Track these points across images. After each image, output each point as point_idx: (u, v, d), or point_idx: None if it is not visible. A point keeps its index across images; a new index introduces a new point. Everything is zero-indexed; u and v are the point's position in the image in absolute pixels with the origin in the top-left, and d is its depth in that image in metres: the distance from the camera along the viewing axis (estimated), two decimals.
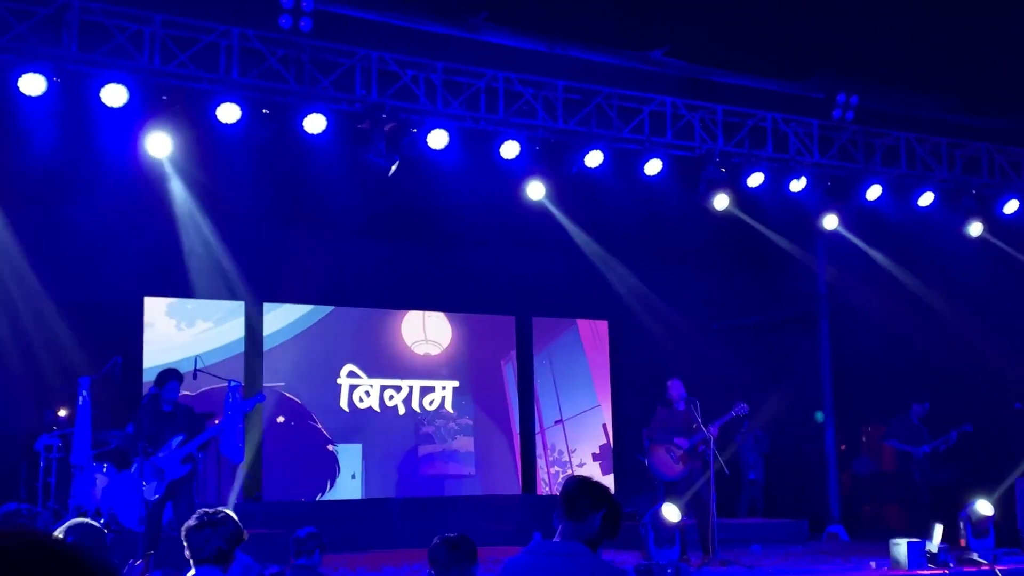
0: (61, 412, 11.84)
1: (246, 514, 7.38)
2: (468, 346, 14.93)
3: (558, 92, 11.57)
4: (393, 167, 10.84)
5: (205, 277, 13.20)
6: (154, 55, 9.88)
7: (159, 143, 10.16)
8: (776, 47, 12.72)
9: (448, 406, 14.64)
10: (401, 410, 14.36)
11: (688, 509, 10.40)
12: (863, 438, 16.62)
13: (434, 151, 10.99)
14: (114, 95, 9.60)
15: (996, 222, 13.45)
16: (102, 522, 10.82)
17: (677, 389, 10.88)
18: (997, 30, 12.64)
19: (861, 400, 15.45)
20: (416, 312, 14.65)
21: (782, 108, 12.68)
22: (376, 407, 14.22)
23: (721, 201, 12.26)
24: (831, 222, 13.17)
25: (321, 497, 13.65)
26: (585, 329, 15.83)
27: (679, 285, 15.56)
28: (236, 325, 13.52)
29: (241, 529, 4.73)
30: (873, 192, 12.82)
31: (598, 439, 15.54)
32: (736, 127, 12.43)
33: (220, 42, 10.19)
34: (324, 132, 10.51)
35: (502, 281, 14.69)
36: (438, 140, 10.91)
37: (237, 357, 13.33)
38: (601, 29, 12.31)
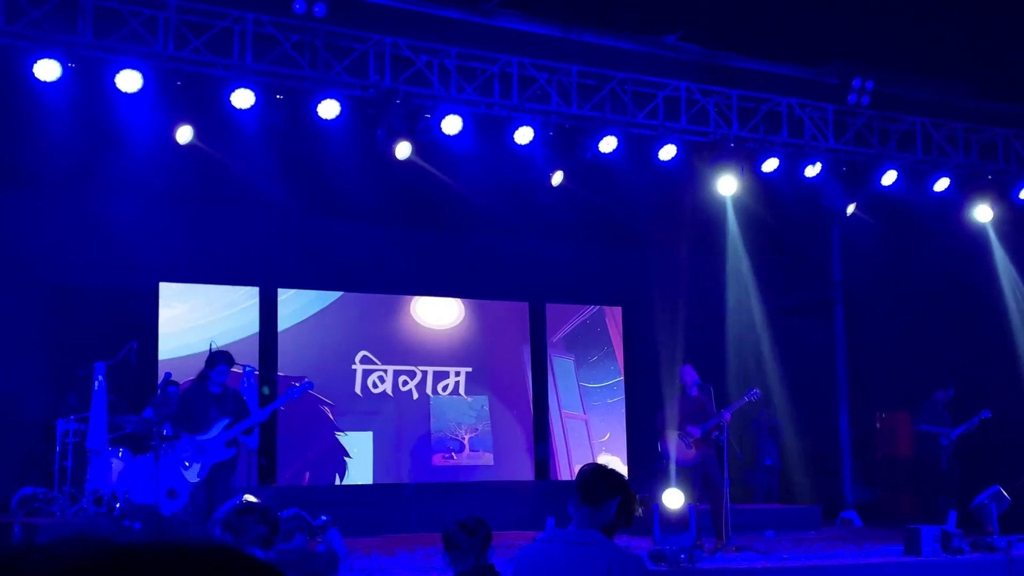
0: (77, 397, 11.89)
1: (261, 499, 7.41)
2: (482, 332, 14.93)
3: (572, 77, 11.54)
4: (402, 150, 10.83)
5: (220, 263, 13.24)
6: (168, 41, 9.90)
7: (184, 132, 10.24)
8: (791, 32, 12.67)
9: (462, 392, 14.65)
10: (415, 395, 14.38)
11: (701, 495, 10.40)
12: (877, 424, 16.60)
13: (448, 137, 10.99)
14: (129, 81, 9.63)
15: (1012, 208, 13.39)
16: (118, 506, 10.88)
17: (690, 375, 10.87)
18: (1014, 15, 12.55)
19: (876, 386, 15.41)
20: (428, 297, 14.65)
21: (797, 93, 12.63)
22: (390, 392, 14.25)
23: (728, 186, 12.24)
24: (849, 208, 13.12)
25: (336, 483, 13.69)
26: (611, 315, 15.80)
27: (694, 270, 15.52)
28: (250, 311, 13.54)
29: (277, 517, 4.96)
30: (888, 177, 12.77)
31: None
32: (751, 112, 12.39)
33: (234, 27, 10.20)
34: (338, 118, 10.52)
35: (516, 267, 14.68)
36: (452, 126, 10.90)
37: (251, 343, 13.36)
38: (615, 14, 12.28)
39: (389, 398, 14.24)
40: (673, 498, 9.88)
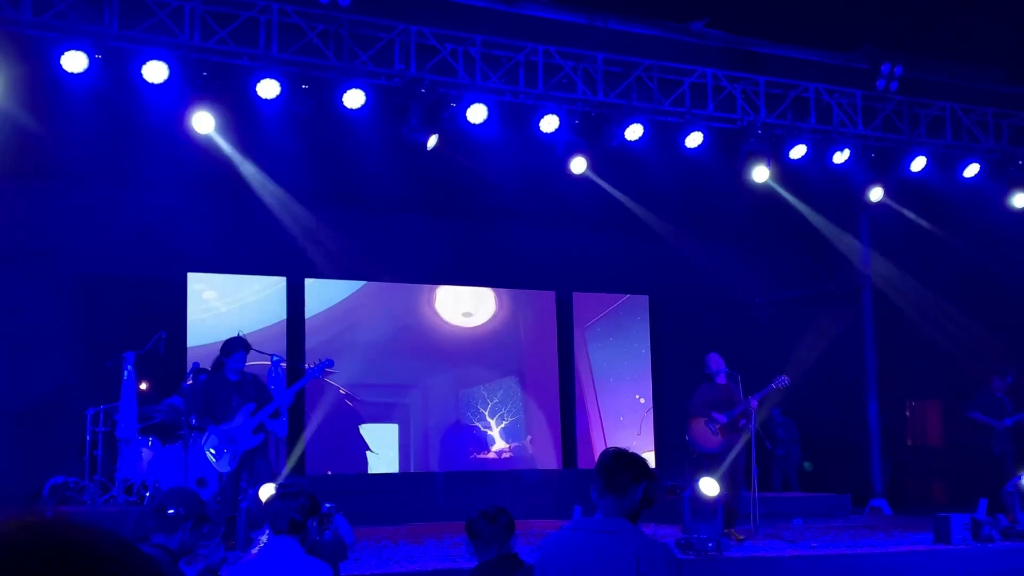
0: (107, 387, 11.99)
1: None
2: (508, 320, 14.93)
3: (598, 65, 11.49)
4: (432, 141, 10.84)
5: (247, 253, 13.30)
6: (194, 31, 9.93)
7: (202, 120, 10.22)
8: (818, 17, 12.57)
9: (489, 381, 14.67)
10: (442, 383, 14.40)
11: (723, 482, 10.36)
12: (907, 412, 16.49)
13: (473, 125, 10.97)
14: (155, 72, 9.67)
15: None
16: (148, 495, 10.97)
17: (716, 363, 10.82)
18: None
19: (905, 375, 15.31)
20: (455, 287, 14.66)
21: (825, 79, 12.52)
22: (416, 381, 14.27)
23: (761, 174, 12.16)
24: (876, 194, 13.01)
25: (365, 471, 13.74)
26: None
27: (721, 259, 15.47)
28: (278, 301, 13.60)
29: (317, 502, 5.07)
30: (917, 164, 12.66)
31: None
32: (778, 99, 12.30)
33: (259, 18, 10.22)
34: (363, 107, 10.52)
35: (542, 256, 14.66)
36: (477, 114, 10.89)
37: (280, 334, 13.41)
38: (641, 0, 12.21)
39: (415, 388, 14.27)
40: (707, 487, 9.84)
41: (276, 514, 4.94)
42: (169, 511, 4.53)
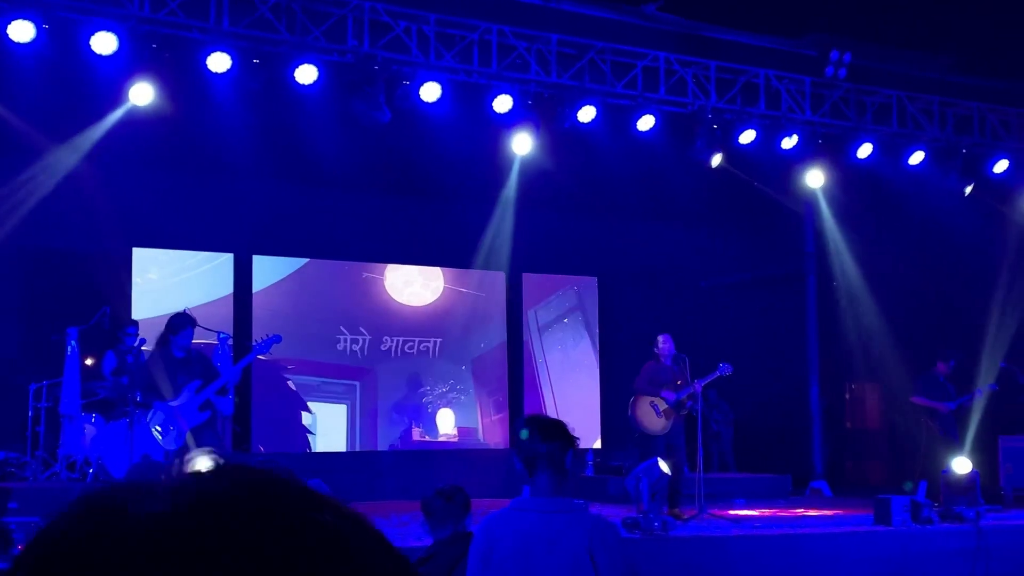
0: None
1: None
2: (457, 300, 14.93)
3: (551, 46, 11.49)
4: (383, 119, 10.79)
5: (194, 228, 13.16)
6: (144, 2, 9.78)
7: (141, 92, 10.09)
8: (770, 4, 12.67)
9: (437, 358, 14.68)
10: (391, 363, 14.38)
11: (666, 463, 10.44)
12: (846, 395, 16.76)
13: (426, 104, 10.93)
14: (104, 43, 9.52)
15: (987, 181, 13.48)
16: (91, 472, 10.86)
17: (668, 344, 10.92)
18: None
19: (846, 359, 15.54)
20: (405, 266, 14.63)
21: (775, 65, 12.63)
22: (365, 360, 14.24)
23: (717, 159, 12.29)
24: (817, 179, 13.21)
25: (309, 450, 13.70)
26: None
27: (669, 242, 15.60)
28: (225, 278, 13.48)
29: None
30: (864, 150, 12.83)
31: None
32: (729, 83, 12.40)
33: None
34: (315, 83, 10.44)
35: (492, 236, 14.66)
36: (430, 93, 10.85)
37: (226, 311, 13.30)
38: None
39: (365, 366, 14.23)
40: (664, 467, 9.92)
41: None
42: None
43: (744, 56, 12.59)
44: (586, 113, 11.46)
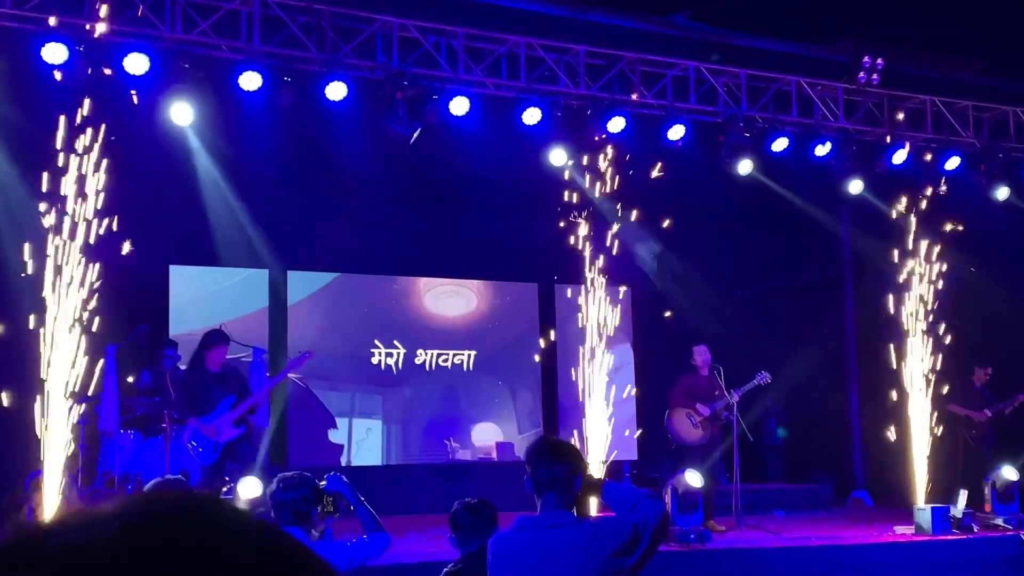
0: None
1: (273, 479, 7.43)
2: (490, 313, 14.94)
3: (580, 58, 11.50)
4: (415, 134, 10.83)
5: (229, 246, 13.26)
6: (176, 23, 9.89)
7: (181, 112, 10.18)
8: (800, 10, 12.59)
9: (471, 373, 14.68)
10: (425, 376, 14.41)
11: (703, 474, 10.39)
12: (888, 404, 16.54)
13: (456, 118, 10.97)
14: (136, 64, 9.63)
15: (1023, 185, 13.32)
16: (130, 487, 10.95)
17: (703, 355, 10.87)
18: None
19: (887, 366, 15.36)
20: (438, 278, 14.66)
21: (807, 72, 12.55)
22: (400, 374, 14.27)
23: (745, 166, 12.20)
24: (856, 187, 13.06)
25: (344, 464, 13.74)
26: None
27: (703, 251, 15.51)
28: (260, 294, 13.57)
29: (320, 491, 5.00)
30: (899, 156, 12.71)
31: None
32: (760, 91, 12.33)
33: (241, 10, 10.19)
34: (346, 99, 10.50)
35: (524, 248, 14.65)
36: (460, 107, 10.88)
37: (262, 326, 13.39)
38: None
39: (400, 380, 14.27)
40: (691, 478, 9.88)
41: (280, 505, 4.89)
42: None
43: (775, 64, 12.53)
44: (616, 124, 11.45)
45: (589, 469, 3.99)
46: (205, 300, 13.24)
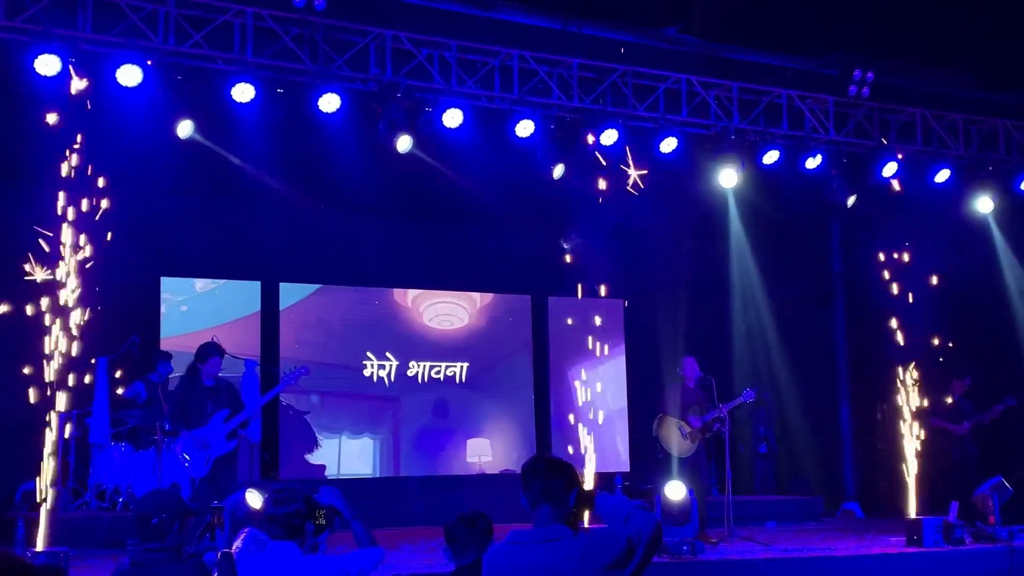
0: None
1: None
2: (484, 325, 14.94)
3: (573, 70, 11.53)
4: (401, 142, 10.83)
5: (221, 257, 13.24)
6: (168, 35, 9.90)
7: (185, 127, 10.24)
8: (791, 23, 12.65)
9: (463, 385, 14.67)
10: (418, 388, 14.39)
11: (692, 486, 10.39)
12: (878, 415, 16.59)
13: (449, 130, 10.99)
14: (129, 75, 9.63)
15: (1013, 198, 13.38)
16: (121, 500, 10.92)
17: (692, 367, 10.88)
18: (1014, 4, 12.53)
19: (877, 377, 15.41)
20: (431, 290, 14.66)
21: (797, 85, 12.62)
22: (392, 386, 14.25)
23: (730, 178, 12.26)
24: (850, 200, 13.10)
25: (336, 476, 13.71)
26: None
27: (696, 262, 15.51)
28: (252, 305, 13.55)
29: (313, 504, 4.97)
30: (889, 169, 12.76)
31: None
32: (751, 104, 12.38)
33: (234, 21, 10.20)
34: (339, 111, 10.51)
35: (518, 260, 14.66)
36: (453, 119, 10.90)
37: (254, 338, 13.36)
38: (615, 6, 12.27)
39: (393, 392, 14.25)
40: (675, 489, 9.89)
41: (273, 520, 4.87)
42: (153, 521, 4.47)
43: (766, 77, 12.58)
44: (608, 136, 11.48)
45: (584, 484, 3.97)
46: (196, 311, 13.21)
